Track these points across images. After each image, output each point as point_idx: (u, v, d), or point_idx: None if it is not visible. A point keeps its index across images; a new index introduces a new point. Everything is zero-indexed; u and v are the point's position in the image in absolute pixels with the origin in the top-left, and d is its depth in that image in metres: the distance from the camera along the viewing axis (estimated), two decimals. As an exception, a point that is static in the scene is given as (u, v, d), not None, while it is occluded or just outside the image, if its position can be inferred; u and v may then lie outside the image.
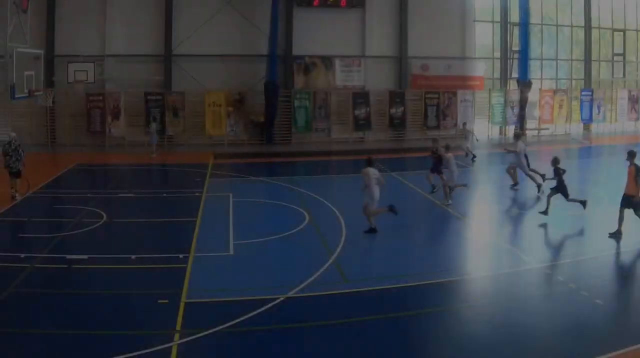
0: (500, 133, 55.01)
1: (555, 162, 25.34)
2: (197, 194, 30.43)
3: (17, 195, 28.56)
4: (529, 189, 28.46)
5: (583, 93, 56.93)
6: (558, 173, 25.08)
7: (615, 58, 59.94)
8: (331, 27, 49.74)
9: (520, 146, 31.57)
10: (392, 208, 24.29)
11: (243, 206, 28.40)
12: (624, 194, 22.61)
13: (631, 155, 22.63)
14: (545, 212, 24.95)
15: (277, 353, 14.29)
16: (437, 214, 27.55)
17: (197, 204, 28.56)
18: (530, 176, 30.95)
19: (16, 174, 28.71)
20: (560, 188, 25.07)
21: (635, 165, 22.25)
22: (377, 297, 17.67)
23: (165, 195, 29.95)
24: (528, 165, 31.42)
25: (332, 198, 29.49)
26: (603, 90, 58.39)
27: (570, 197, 25.32)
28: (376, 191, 23.96)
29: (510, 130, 53.31)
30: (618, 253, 21.64)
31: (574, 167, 38.23)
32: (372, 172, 23.84)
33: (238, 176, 33.84)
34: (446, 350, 14.48)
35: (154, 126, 43.42)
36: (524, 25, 52.68)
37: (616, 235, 22.51)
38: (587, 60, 58.92)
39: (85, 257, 20.87)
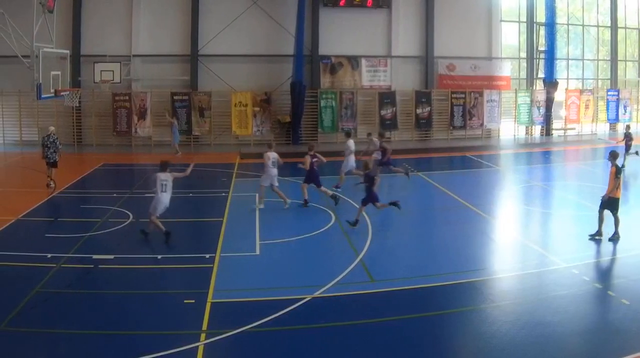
0: (527, 133, 54.65)
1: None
2: (223, 194, 30.55)
3: (52, 183, 31.02)
4: (556, 189, 28.27)
5: (609, 93, 56.70)
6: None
7: (642, 58, 59.61)
8: (357, 27, 49.72)
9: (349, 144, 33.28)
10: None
11: (269, 206, 28.30)
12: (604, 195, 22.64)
13: (613, 156, 22.72)
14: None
15: (303, 354, 14.33)
16: (463, 214, 27.32)
17: (223, 204, 28.65)
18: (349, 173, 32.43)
19: (53, 164, 31.53)
20: None
21: (616, 166, 22.33)
22: (403, 297, 17.69)
23: (191, 195, 29.96)
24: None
25: (357, 198, 29.14)
26: (629, 90, 57.97)
27: None
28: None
29: (537, 130, 53.30)
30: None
31: (600, 166, 37.96)
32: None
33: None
34: (473, 349, 14.50)
35: (174, 123, 43.42)
36: (550, 25, 52.43)
37: (596, 237, 22.54)
38: (614, 60, 58.67)
39: (111, 257, 20.99)
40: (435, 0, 50.83)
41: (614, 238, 22.42)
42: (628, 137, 36.80)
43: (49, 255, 20.78)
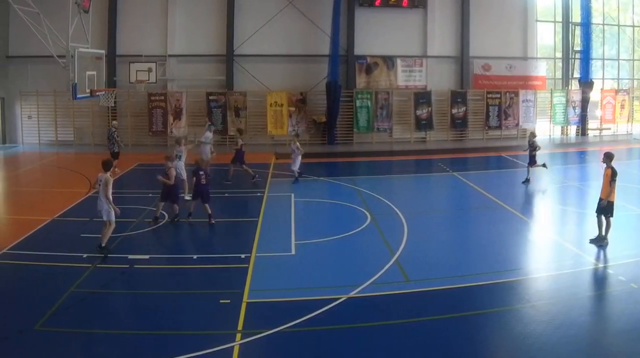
0: (562, 133, 54.33)
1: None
2: (258, 194, 30.53)
3: (117, 169, 33.53)
4: (592, 189, 28.05)
5: (645, 93, 56.08)
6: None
7: (678, 58, 59.03)
8: (393, 27, 49.59)
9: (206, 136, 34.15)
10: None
11: (305, 206, 28.53)
12: (600, 198, 22.47)
13: (608, 157, 22.44)
14: None
15: (338, 354, 14.35)
16: (499, 214, 27.27)
17: (258, 204, 28.66)
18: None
19: (115, 155, 35.35)
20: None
21: (612, 168, 22.12)
22: (439, 297, 17.67)
23: (227, 195, 29.97)
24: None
25: (393, 198, 29.41)
26: (665, 90, 57.39)
27: None
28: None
29: (572, 129, 52.96)
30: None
31: (636, 167, 37.72)
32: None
33: (300, 176, 33.79)
34: (508, 349, 14.48)
35: (207, 126, 43.55)
36: (586, 25, 52.09)
37: (597, 241, 22.24)
38: (649, 60, 58.05)
39: (147, 257, 21.11)
40: (471, 0, 50.65)
41: (599, 242, 22.19)
42: (532, 147, 33.83)
43: (85, 255, 20.93)
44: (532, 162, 33.39)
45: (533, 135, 34.66)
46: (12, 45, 47.86)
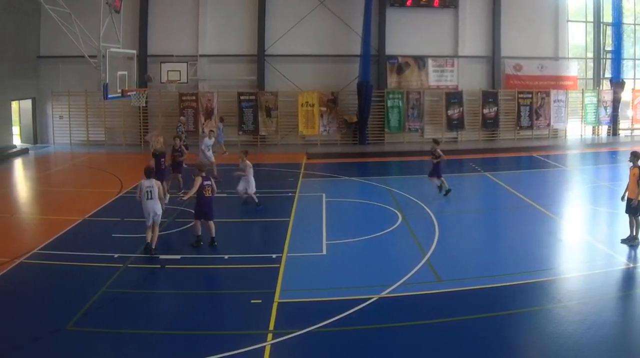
0: (593, 133, 54.03)
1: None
2: (290, 194, 30.60)
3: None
4: (623, 189, 27.99)
5: (676, 93, 55.59)
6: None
7: None
8: (424, 27, 49.60)
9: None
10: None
11: (336, 206, 28.58)
12: (627, 198, 22.32)
13: (635, 156, 22.26)
14: None
15: (370, 353, 14.31)
16: (530, 214, 27.16)
17: (290, 204, 28.74)
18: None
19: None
20: None
21: (639, 167, 21.96)
22: (470, 297, 17.65)
23: (258, 195, 30.04)
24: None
25: (425, 198, 29.39)
26: (696, 90, 56.86)
27: None
28: None
29: (603, 130, 52.64)
30: None
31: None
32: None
33: (331, 176, 33.85)
34: (540, 349, 14.41)
35: (221, 126, 43.53)
36: (617, 25, 51.75)
37: (629, 241, 22.05)
38: (680, 60, 57.54)
39: (178, 257, 21.23)
40: (502, 0, 50.48)
41: (631, 242, 22.03)
42: (433, 155, 30.84)
43: (116, 255, 21.04)
44: (436, 172, 30.55)
45: (436, 142, 31.69)
46: (44, 46, 48.12)
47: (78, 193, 31.19)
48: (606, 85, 53.70)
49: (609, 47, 53.44)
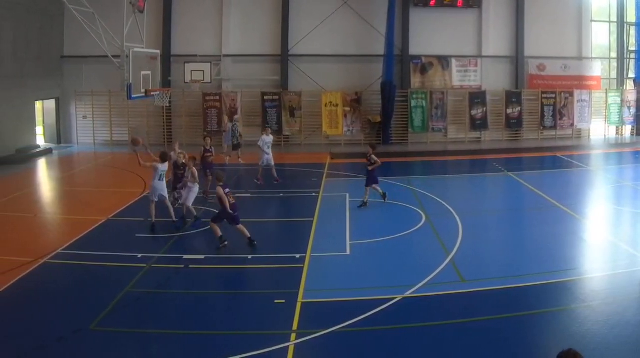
0: (617, 133, 53.76)
1: None
2: (313, 194, 30.58)
3: (240, 160, 38.31)
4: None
5: (700, 93, 55.22)
6: None
7: None
8: (448, 27, 49.51)
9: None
10: None
11: (359, 206, 28.33)
12: None
13: None
14: None
15: (394, 353, 14.31)
16: (554, 214, 27.08)
17: (313, 204, 28.73)
18: None
19: (235, 147, 40.23)
20: None
21: None
22: (494, 297, 17.64)
23: (282, 195, 30.04)
24: None
25: (448, 198, 29.43)
26: None
27: None
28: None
29: (627, 130, 52.39)
30: None
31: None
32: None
33: (354, 176, 33.78)
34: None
35: (230, 126, 43.53)
36: (641, 25, 51.37)
37: None
38: None
39: (202, 257, 21.35)
40: (526, 0, 50.35)
41: None
42: (368, 161, 28.96)
43: (140, 255, 21.13)
44: (372, 180, 28.61)
45: (372, 147, 29.63)
46: (67, 46, 48.37)
47: (101, 193, 31.30)
48: (630, 85, 53.41)
49: (632, 47, 53.16)
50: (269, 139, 33.32)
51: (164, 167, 23.98)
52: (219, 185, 22.16)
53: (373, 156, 28.36)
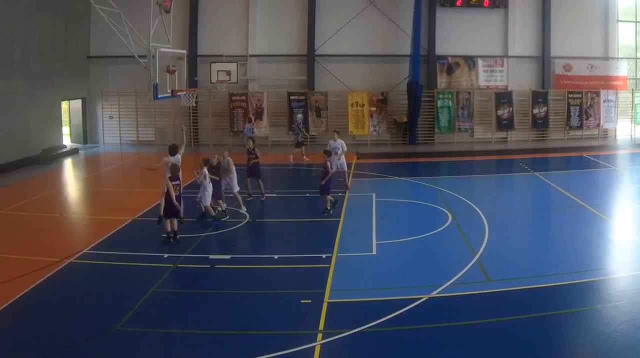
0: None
1: None
2: (340, 194, 30.33)
3: (305, 158, 39.28)
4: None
5: None
6: None
7: None
8: (474, 27, 49.37)
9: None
10: None
11: (386, 206, 28.49)
12: None
13: None
14: None
15: (419, 354, 14.34)
16: (580, 214, 26.98)
17: (340, 204, 28.60)
18: None
19: (298, 144, 41.42)
20: None
21: None
22: (520, 297, 17.57)
23: (308, 195, 30.08)
24: None
25: (475, 198, 29.39)
26: None
27: None
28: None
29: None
30: None
31: None
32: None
33: (381, 176, 33.75)
34: (589, 349, 14.31)
35: (248, 126, 43.58)
36: (667, 25, 51.02)
37: None
38: None
39: (228, 257, 21.38)
40: (552, 0, 50.16)
41: None
42: (324, 169, 27.65)
43: (166, 255, 21.26)
44: (325, 189, 27.21)
45: (327, 153, 28.49)
46: (94, 46, 48.64)
47: (128, 193, 31.40)
48: (656, 86, 52.94)
49: (659, 47, 52.65)
50: (335, 144, 31.76)
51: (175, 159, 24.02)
52: (168, 177, 22.86)
53: (328, 164, 27.25)
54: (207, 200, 25.33)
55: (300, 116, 44.07)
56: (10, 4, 37.99)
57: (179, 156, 25.22)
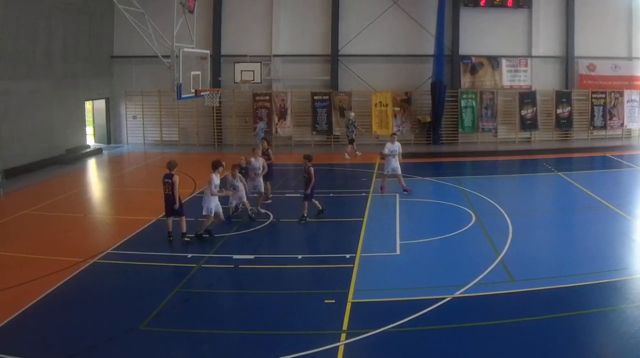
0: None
1: None
2: (363, 194, 30.53)
3: (358, 153, 40.00)
4: None
5: None
6: None
7: None
8: (498, 27, 49.25)
9: None
10: None
11: (409, 206, 28.54)
12: None
13: None
14: None
15: (443, 353, 14.38)
16: (604, 214, 26.85)
17: (363, 204, 28.69)
18: None
19: (351, 141, 42.64)
20: None
21: None
22: (544, 297, 17.52)
23: (331, 195, 30.08)
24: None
25: (498, 198, 29.35)
26: None
27: None
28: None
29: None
30: None
31: None
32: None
33: (404, 176, 33.58)
34: (613, 349, 14.31)
35: (260, 125, 43.58)
36: (691, 24, 50.76)
37: None
38: None
39: (252, 257, 21.40)
40: (576, 0, 49.96)
41: None
42: (306, 174, 26.45)
43: (189, 255, 21.35)
44: (308, 195, 26.15)
45: (308, 158, 26.59)
46: (117, 46, 48.82)
47: (151, 193, 31.33)
48: (679, 86, 52.62)
49: (682, 47, 52.33)
50: (393, 146, 31.36)
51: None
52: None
53: (311, 169, 26.08)
54: (243, 196, 25.52)
55: (352, 114, 44.20)
56: (34, 4, 38.16)
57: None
